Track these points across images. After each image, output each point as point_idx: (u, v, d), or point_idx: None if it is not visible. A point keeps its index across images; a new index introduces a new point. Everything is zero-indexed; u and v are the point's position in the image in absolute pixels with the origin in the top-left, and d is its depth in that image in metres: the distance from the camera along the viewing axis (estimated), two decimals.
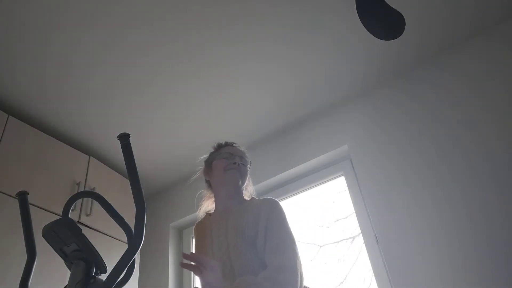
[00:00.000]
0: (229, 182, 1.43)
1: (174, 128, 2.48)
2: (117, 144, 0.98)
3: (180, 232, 2.87)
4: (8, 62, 1.96)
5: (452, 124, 2.00)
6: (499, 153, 1.81)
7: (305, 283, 1.26)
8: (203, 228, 1.45)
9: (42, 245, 1.08)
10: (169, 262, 2.66)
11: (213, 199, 1.51)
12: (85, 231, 0.97)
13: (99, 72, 2.06)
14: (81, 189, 2.31)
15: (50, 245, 0.96)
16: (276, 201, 1.36)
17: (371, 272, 1.96)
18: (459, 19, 2.01)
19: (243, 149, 1.56)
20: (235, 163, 1.44)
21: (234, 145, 1.55)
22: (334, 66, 2.20)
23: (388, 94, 2.29)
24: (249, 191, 1.54)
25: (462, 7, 1.95)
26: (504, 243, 1.63)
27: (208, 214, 1.49)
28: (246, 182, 1.50)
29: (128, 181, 0.93)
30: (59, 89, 2.14)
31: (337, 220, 2.32)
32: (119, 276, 0.85)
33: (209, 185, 1.53)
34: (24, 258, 1.10)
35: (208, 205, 1.55)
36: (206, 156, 1.58)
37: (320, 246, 2.29)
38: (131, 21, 1.83)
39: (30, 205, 1.18)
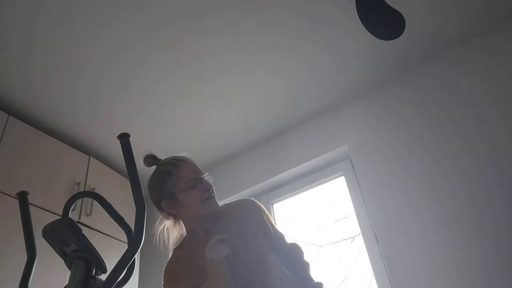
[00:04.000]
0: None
1: (174, 128, 2.48)
2: (117, 144, 0.98)
3: None
4: (7, 62, 1.95)
5: (453, 123, 1.99)
6: (491, 153, 1.81)
7: None
8: (188, 253, 1.24)
9: (42, 245, 1.08)
10: None
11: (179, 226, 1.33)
12: (85, 231, 0.97)
13: (99, 72, 2.06)
14: (81, 189, 2.30)
15: (50, 245, 0.96)
16: (253, 200, 1.32)
17: (371, 272, 1.96)
18: (458, 19, 2.02)
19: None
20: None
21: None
22: (335, 66, 2.19)
23: (388, 94, 2.29)
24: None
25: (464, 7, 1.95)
26: (509, 243, 1.63)
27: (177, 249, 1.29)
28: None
29: (128, 181, 0.93)
30: (59, 89, 2.13)
31: (337, 220, 2.32)
32: (119, 276, 0.85)
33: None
34: (24, 258, 1.10)
35: (175, 235, 1.35)
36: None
37: (320, 246, 2.29)
38: (132, 22, 1.83)
39: (30, 205, 1.18)
